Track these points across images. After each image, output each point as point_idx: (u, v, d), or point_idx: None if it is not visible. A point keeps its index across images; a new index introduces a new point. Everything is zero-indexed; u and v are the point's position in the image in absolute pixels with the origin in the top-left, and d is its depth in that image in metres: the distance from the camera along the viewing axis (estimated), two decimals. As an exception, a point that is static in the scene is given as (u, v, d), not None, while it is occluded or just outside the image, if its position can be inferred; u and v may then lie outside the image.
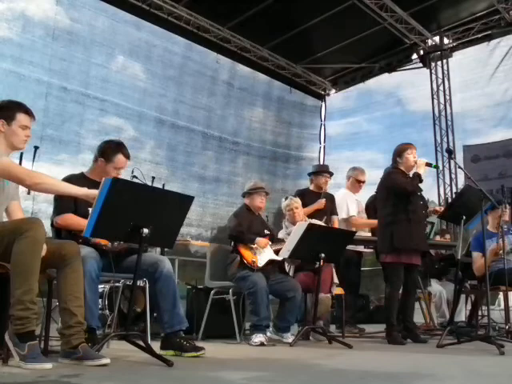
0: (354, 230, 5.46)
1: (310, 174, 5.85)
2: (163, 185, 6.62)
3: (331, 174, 5.73)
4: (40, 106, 7.33)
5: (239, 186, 9.65)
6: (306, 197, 5.44)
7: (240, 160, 10.35)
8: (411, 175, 4.45)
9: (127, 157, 3.39)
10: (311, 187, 5.71)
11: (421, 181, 4.39)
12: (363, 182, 5.86)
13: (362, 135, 11.00)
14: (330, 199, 5.56)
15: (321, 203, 5.39)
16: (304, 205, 5.19)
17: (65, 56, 7.79)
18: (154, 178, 6.01)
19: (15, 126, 2.71)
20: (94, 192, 2.63)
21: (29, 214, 6.46)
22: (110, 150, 3.35)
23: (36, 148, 4.36)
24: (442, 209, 5.47)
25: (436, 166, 4.75)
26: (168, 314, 3.11)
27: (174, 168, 9.24)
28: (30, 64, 7.38)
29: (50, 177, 2.74)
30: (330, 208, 5.50)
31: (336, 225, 5.45)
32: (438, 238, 6.19)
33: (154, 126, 9.05)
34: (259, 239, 4.45)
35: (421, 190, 4.51)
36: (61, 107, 7.75)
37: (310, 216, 5.13)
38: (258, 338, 4.00)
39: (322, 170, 5.77)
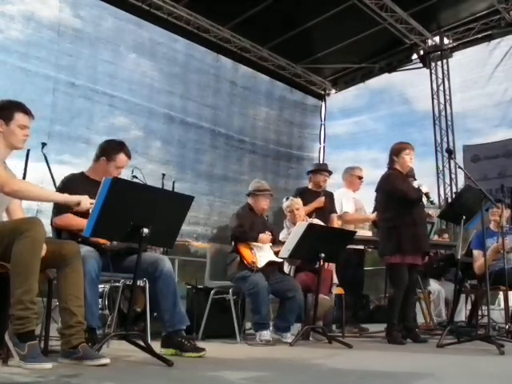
0: (351, 226, 5.48)
1: (308, 173, 5.86)
2: (173, 182, 6.54)
3: (330, 173, 5.74)
4: (47, 102, 7.29)
5: (245, 184, 9.57)
6: (305, 195, 5.45)
7: (246, 158, 10.26)
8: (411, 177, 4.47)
9: (129, 156, 3.45)
10: (310, 186, 5.73)
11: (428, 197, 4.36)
12: (362, 177, 5.88)
13: (362, 135, 10.96)
14: (329, 197, 5.57)
15: (320, 201, 5.39)
16: (303, 203, 5.20)
17: (71, 52, 7.73)
18: (164, 175, 5.99)
19: (14, 125, 2.72)
20: (75, 198, 2.70)
21: (33, 212, 6.41)
22: (111, 149, 3.40)
23: (43, 144, 4.26)
24: (435, 212, 5.46)
25: (432, 202, 4.57)
26: (169, 313, 3.11)
27: (183, 165, 9.15)
28: (37, 59, 7.30)
29: (31, 184, 2.79)
30: (329, 206, 5.51)
31: (334, 223, 5.45)
32: (436, 237, 6.19)
33: (164, 123, 8.99)
34: (262, 235, 4.46)
35: None
36: (69, 103, 7.67)
37: (310, 215, 5.14)
38: (264, 336, 4.03)
39: (320, 169, 5.79)
